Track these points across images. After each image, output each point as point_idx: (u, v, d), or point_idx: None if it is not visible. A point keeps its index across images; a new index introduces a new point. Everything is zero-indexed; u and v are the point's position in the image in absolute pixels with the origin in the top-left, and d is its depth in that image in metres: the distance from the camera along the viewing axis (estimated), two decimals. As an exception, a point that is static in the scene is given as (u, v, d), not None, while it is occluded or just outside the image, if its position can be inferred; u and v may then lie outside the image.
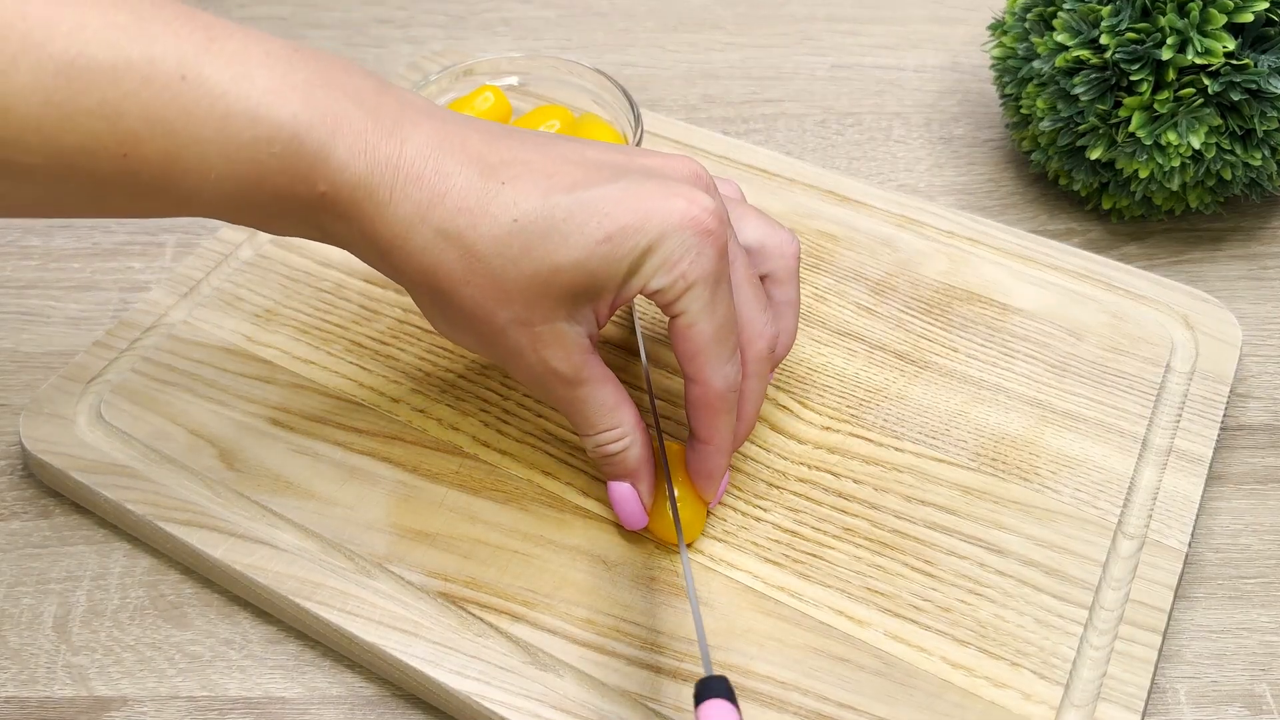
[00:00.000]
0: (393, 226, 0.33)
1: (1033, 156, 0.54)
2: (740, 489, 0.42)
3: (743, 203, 0.40)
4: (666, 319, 0.36)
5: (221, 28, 0.32)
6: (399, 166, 0.33)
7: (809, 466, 0.42)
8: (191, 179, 0.32)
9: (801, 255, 0.50)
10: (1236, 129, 0.48)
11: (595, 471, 0.42)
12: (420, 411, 0.44)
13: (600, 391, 0.37)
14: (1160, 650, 0.37)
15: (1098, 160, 0.51)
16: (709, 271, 0.34)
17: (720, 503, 0.41)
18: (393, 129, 0.33)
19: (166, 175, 0.32)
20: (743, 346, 0.37)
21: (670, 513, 0.38)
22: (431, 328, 0.41)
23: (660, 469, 0.39)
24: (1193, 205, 0.52)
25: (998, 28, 0.55)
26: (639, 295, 0.35)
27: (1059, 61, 0.49)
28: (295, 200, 0.33)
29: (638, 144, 0.48)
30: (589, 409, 0.37)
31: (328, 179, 0.33)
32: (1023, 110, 0.53)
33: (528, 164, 0.34)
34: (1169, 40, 0.46)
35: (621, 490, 0.38)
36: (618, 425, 0.37)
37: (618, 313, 0.42)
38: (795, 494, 0.41)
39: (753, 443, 0.43)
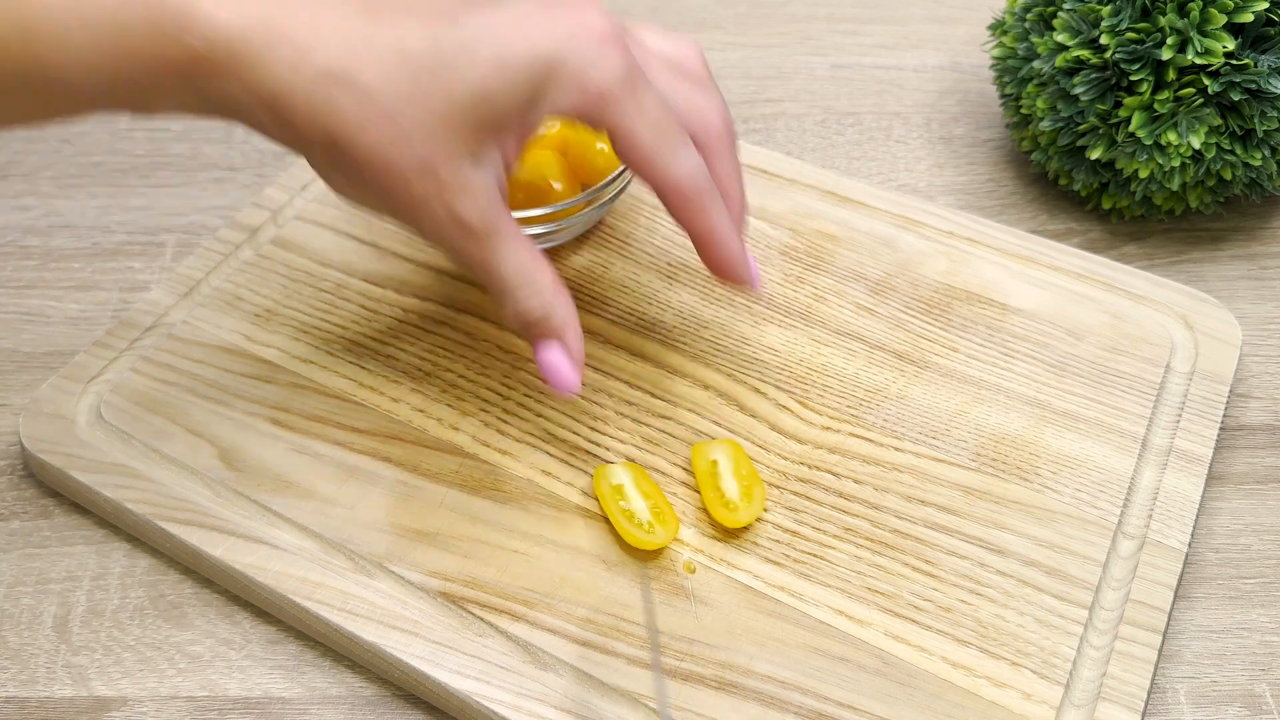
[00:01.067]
0: (276, 75, 0.32)
1: (1033, 156, 0.54)
2: (740, 489, 0.42)
3: (639, 22, 0.39)
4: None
5: None
6: (271, 12, 0.32)
7: (809, 466, 0.42)
8: (54, 57, 0.31)
9: (800, 252, 0.50)
10: (1236, 129, 0.48)
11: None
12: (420, 411, 0.44)
13: (514, 246, 0.35)
14: (1160, 650, 0.37)
15: (1098, 160, 0.51)
16: (619, 74, 0.33)
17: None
18: None
19: (27, 54, 0.30)
20: (697, 132, 0.37)
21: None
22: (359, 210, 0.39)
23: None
24: (1193, 205, 0.52)
25: (998, 27, 0.55)
26: (557, 119, 0.34)
27: (1059, 61, 0.49)
28: (167, 65, 0.31)
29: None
30: (504, 267, 0.35)
31: (197, 33, 0.31)
32: (1023, 110, 0.53)
33: (408, 3, 0.33)
34: (1169, 40, 0.46)
35: (551, 355, 0.37)
36: (534, 284, 0.36)
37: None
38: (795, 494, 0.41)
39: (752, 442, 0.43)
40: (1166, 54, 0.46)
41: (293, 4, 0.32)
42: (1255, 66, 0.46)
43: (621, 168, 0.47)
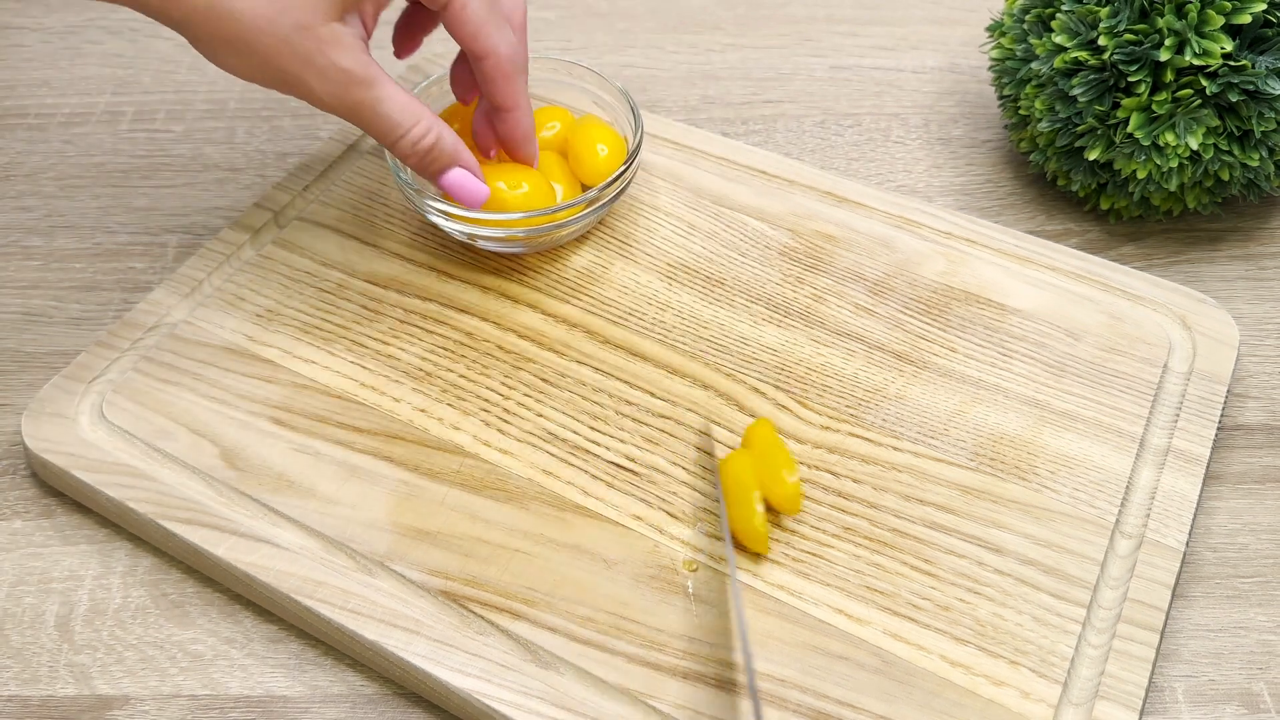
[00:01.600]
0: None
1: (1031, 157, 0.54)
2: (740, 488, 0.42)
3: None
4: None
5: None
6: None
7: (808, 466, 0.42)
8: None
9: (800, 252, 0.50)
10: (1234, 130, 0.48)
11: (596, 471, 0.42)
12: (421, 411, 0.44)
13: (393, 89, 0.41)
14: (1158, 649, 0.38)
15: (1096, 161, 0.51)
16: None
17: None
18: None
19: None
20: (509, 15, 0.43)
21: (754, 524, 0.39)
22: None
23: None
24: (1190, 206, 0.52)
25: (996, 29, 0.55)
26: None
27: (1057, 62, 0.49)
28: None
29: (638, 144, 0.48)
30: (389, 107, 0.41)
31: None
32: (1021, 111, 0.53)
33: None
34: (1167, 41, 0.46)
35: (455, 177, 0.43)
36: (420, 118, 0.41)
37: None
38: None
39: (752, 442, 0.43)
40: (1164, 55, 0.46)
41: None
42: (1253, 67, 0.46)
43: (621, 169, 0.47)
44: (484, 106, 0.46)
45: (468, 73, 0.47)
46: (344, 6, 0.39)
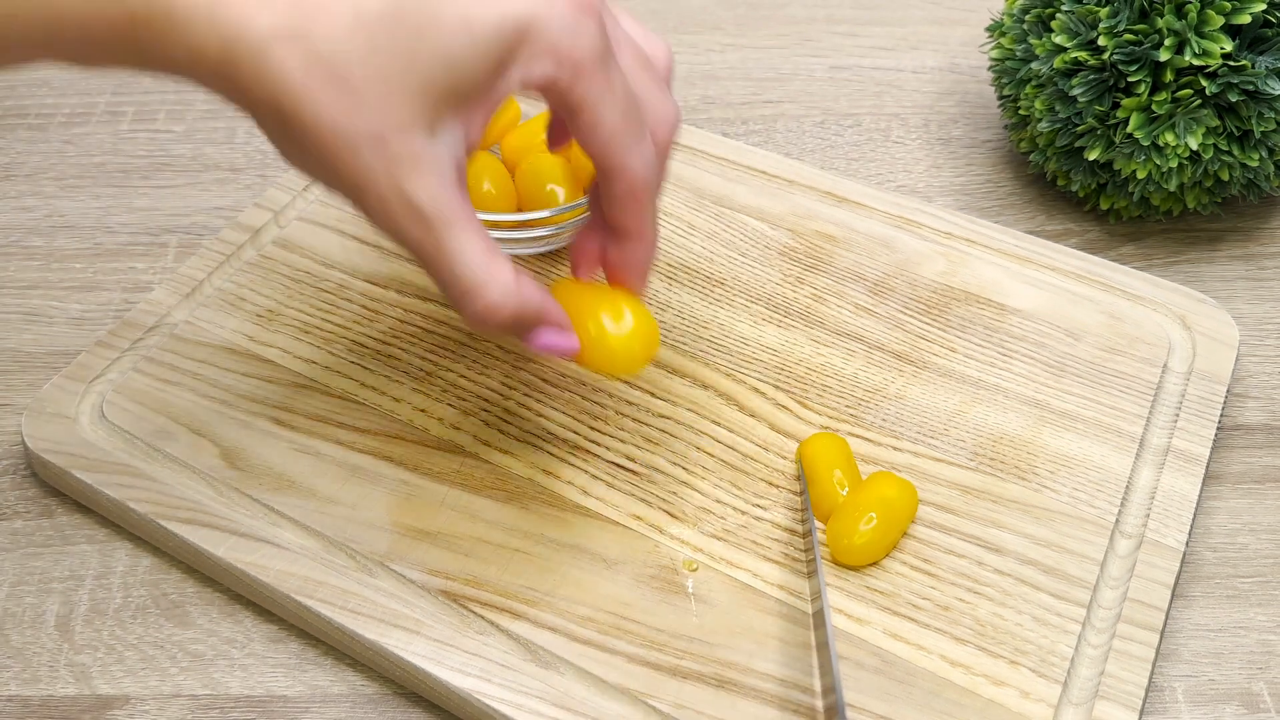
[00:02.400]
0: (221, 36, 0.29)
1: (1031, 157, 0.54)
2: (740, 488, 0.42)
3: (617, 9, 0.36)
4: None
5: None
6: None
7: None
8: None
9: (800, 252, 0.50)
10: (1234, 130, 0.48)
11: (596, 471, 0.42)
12: (422, 411, 0.44)
13: (468, 238, 0.32)
14: (1158, 649, 0.38)
15: (1096, 161, 0.51)
16: (595, 49, 0.31)
17: (722, 502, 0.41)
18: None
19: None
20: (652, 129, 0.35)
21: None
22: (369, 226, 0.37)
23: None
24: (1190, 206, 0.52)
25: (996, 29, 0.55)
26: (525, 94, 0.31)
27: (1057, 63, 0.49)
28: (106, 24, 0.29)
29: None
30: (457, 261, 0.32)
31: None
32: (1021, 111, 0.53)
33: None
34: (1167, 41, 0.46)
35: (542, 339, 0.34)
36: (493, 281, 0.32)
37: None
38: (794, 493, 0.42)
39: (752, 442, 0.43)
40: (1164, 55, 0.46)
41: None
42: (1253, 68, 0.46)
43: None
44: (594, 219, 0.38)
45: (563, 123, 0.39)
46: (439, 111, 0.31)
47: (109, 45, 0.30)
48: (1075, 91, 0.49)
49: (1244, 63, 0.46)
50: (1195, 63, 0.46)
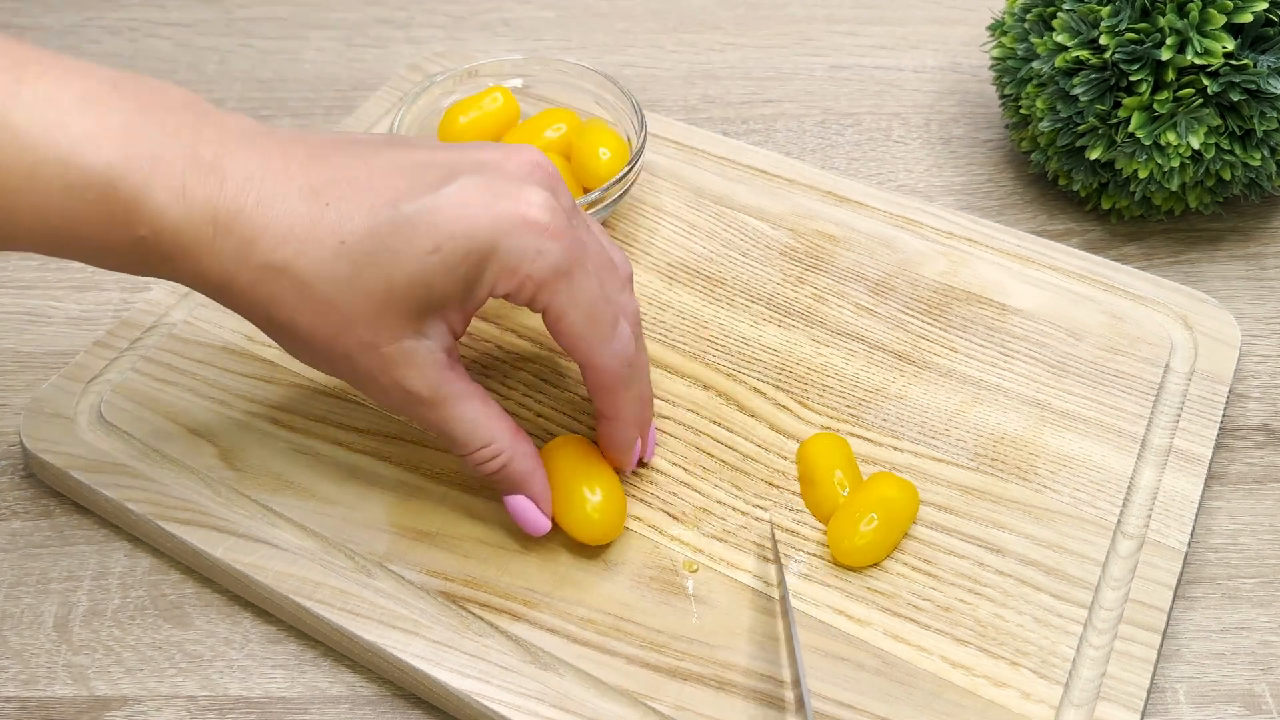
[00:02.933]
0: (220, 265, 0.33)
1: (1032, 157, 0.54)
2: (740, 489, 0.42)
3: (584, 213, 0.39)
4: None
5: (35, 66, 0.31)
6: (219, 204, 0.32)
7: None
8: (3, 224, 0.31)
9: (800, 252, 0.50)
10: (1236, 129, 0.48)
11: (595, 471, 0.42)
12: (420, 411, 0.44)
13: (465, 408, 0.36)
14: (1159, 650, 0.37)
15: (1097, 160, 0.51)
16: (554, 267, 0.34)
17: (711, 508, 0.41)
18: (212, 164, 0.32)
19: None
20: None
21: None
22: None
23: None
24: (1192, 205, 0.52)
25: (997, 28, 0.55)
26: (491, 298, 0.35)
27: (1058, 62, 0.49)
28: (116, 245, 0.32)
29: (641, 146, 0.48)
30: (457, 427, 0.36)
31: (147, 224, 0.32)
32: (1022, 110, 0.53)
33: (353, 181, 0.34)
34: (1168, 40, 0.46)
35: (516, 503, 0.38)
36: (491, 441, 0.36)
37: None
38: (795, 494, 0.41)
39: (752, 442, 0.43)
40: (1166, 54, 0.46)
41: (241, 193, 0.33)
42: (1254, 67, 0.46)
43: (623, 172, 0.47)
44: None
45: None
46: (420, 318, 0.34)
47: (117, 259, 0.33)
48: (1076, 91, 0.49)
49: (1246, 62, 0.46)
50: (1197, 62, 0.46)
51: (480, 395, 0.37)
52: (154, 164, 0.32)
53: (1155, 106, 0.47)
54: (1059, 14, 0.49)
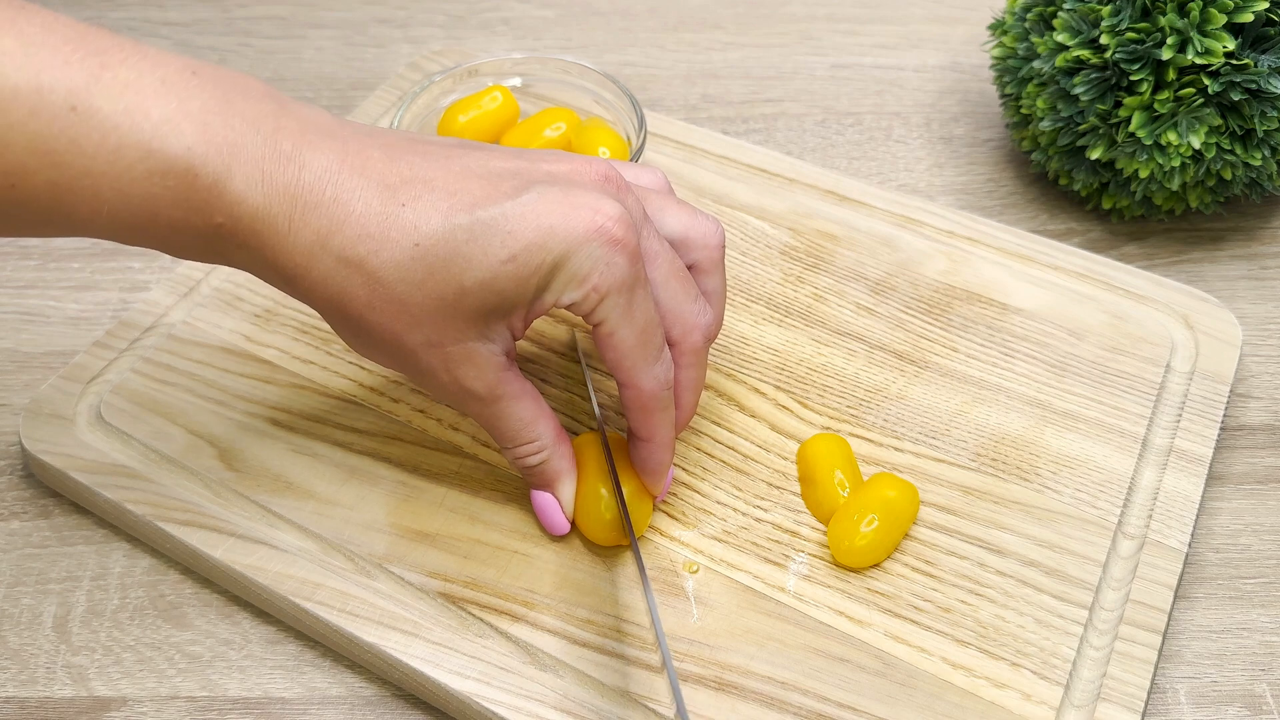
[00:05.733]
0: (294, 255, 0.33)
1: (1033, 156, 0.54)
2: (740, 489, 0.42)
3: (665, 194, 0.39)
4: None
5: (116, 52, 0.31)
6: (297, 194, 0.33)
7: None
8: (83, 209, 0.31)
9: (800, 251, 0.50)
10: (1237, 129, 0.48)
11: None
12: (420, 411, 0.44)
13: (517, 407, 0.37)
14: (1160, 650, 0.37)
15: (1098, 160, 0.51)
16: (620, 280, 0.34)
17: (709, 506, 0.41)
18: (291, 154, 0.33)
19: (57, 205, 0.31)
20: (677, 340, 0.37)
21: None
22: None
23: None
24: (1193, 205, 0.52)
25: (998, 27, 0.55)
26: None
27: (1059, 61, 0.49)
28: (192, 230, 0.33)
29: (641, 145, 0.48)
30: (506, 424, 0.37)
31: (225, 211, 0.32)
32: (1023, 110, 0.53)
33: (429, 182, 0.34)
34: (1169, 40, 0.46)
35: (542, 499, 0.39)
36: (536, 439, 0.37)
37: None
38: (795, 494, 0.41)
39: (753, 443, 0.43)
40: (1167, 54, 0.46)
41: (319, 185, 0.33)
42: (1255, 66, 0.46)
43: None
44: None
45: None
46: (486, 322, 0.35)
47: (193, 245, 0.34)
48: (1077, 90, 0.49)
49: (1246, 61, 0.46)
50: (1198, 61, 0.46)
51: (533, 394, 0.37)
52: (234, 151, 0.32)
53: (1156, 106, 0.47)
54: (1060, 13, 0.49)
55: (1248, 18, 0.46)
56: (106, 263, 0.52)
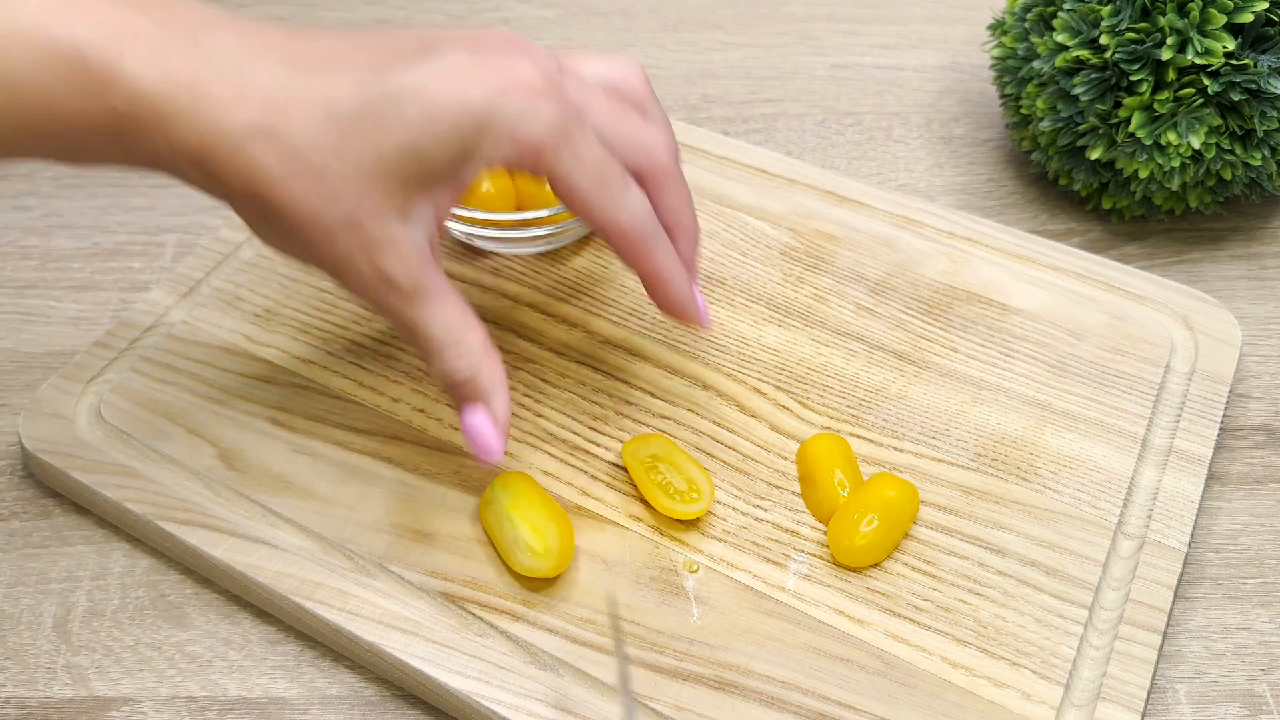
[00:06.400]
0: (200, 133, 0.32)
1: (1033, 156, 0.54)
2: (740, 489, 0.42)
3: (582, 49, 0.38)
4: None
5: None
6: (197, 73, 0.31)
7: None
8: None
9: (800, 252, 0.50)
10: (1236, 129, 0.48)
11: (596, 471, 0.42)
12: (420, 411, 0.44)
13: (443, 309, 0.35)
14: (1160, 650, 0.37)
15: (1098, 160, 0.51)
16: (551, 127, 0.33)
17: (720, 499, 0.41)
18: (186, 36, 0.32)
19: None
20: (645, 169, 0.36)
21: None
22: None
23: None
24: (1193, 205, 0.52)
25: (998, 27, 0.55)
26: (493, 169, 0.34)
27: (1059, 61, 0.49)
28: (91, 123, 0.31)
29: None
30: (432, 327, 0.35)
31: (122, 94, 0.31)
32: (1023, 110, 0.53)
33: (335, 55, 0.33)
34: (1169, 40, 0.46)
35: (474, 420, 0.36)
36: (461, 344, 0.35)
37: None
38: (795, 494, 0.41)
39: (753, 442, 0.43)
40: (1166, 54, 0.46)
41: (219, 60, 0.32)
42: (1255, 66, 0.46)
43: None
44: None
45: None
46: (408, 195, 0.33)
47: (95, 143, 0.32)
48: (1077, 90, 0.49)
49: (1246, 61, 0.46)
50: (1197, 61, 0.46)
51: (458, 298, 0.35)
52: (123, 33, 0.31)
53: (1156, 106, 0.47)
54: (1059, 13, 0.49)
55: (1247, 18, 0.46)
56: (106, 263, 0.52)
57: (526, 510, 0.38)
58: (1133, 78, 0.47)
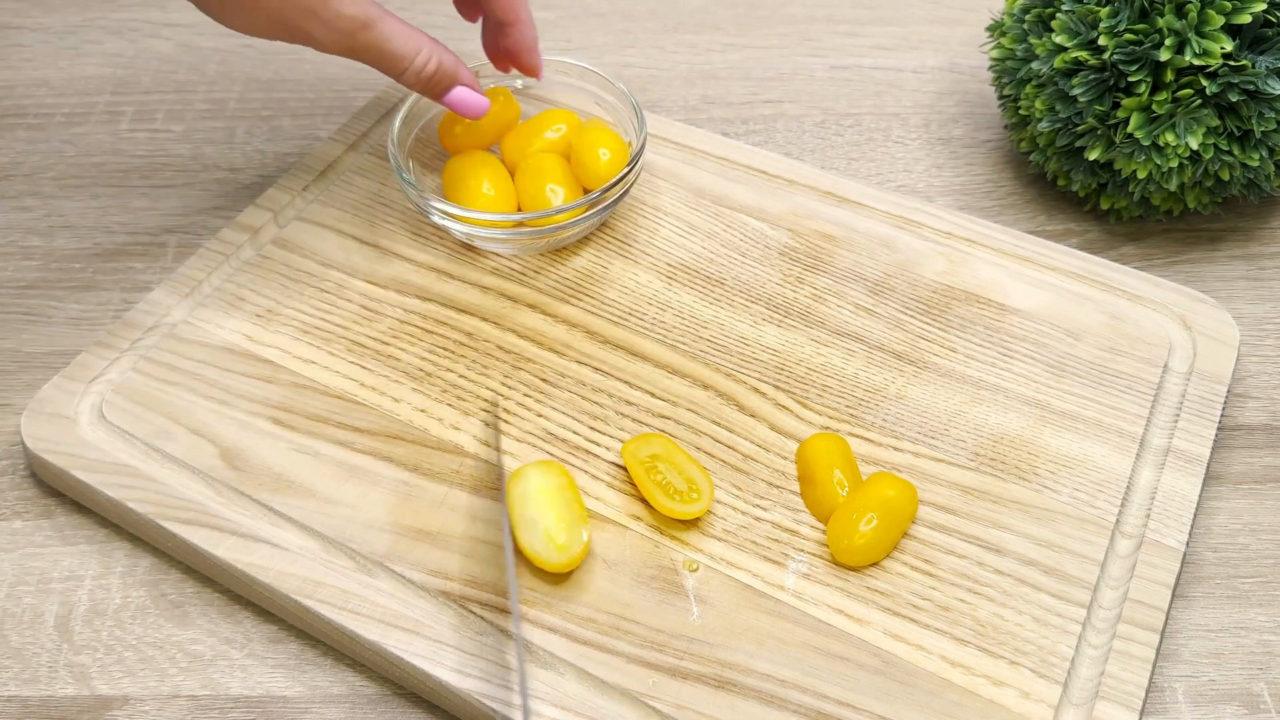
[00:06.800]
0: None
1: (1031, 157, 0.54)
2: (740, 489, 0.42)
3: None
4: None
5: None
6: None
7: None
8: None
9: (800, 252, 0.50)
10: (1234, 130, 0.48)
11: (596, 471, 0.42)
12: (421, 411, 0.44)
13: (394, 25, 0.43)
14: (1158, 649, 0.38)
15: (1096, 161, 0.51)
16: None
17: (715, 501, 0.41)
18: None
19: None
20: None
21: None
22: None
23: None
24: (1191, 206, 0.52)
25: (996, 29, 0.55)
26: None
27: (1057, 62, 0.49)
28: None
29: (641, 147, 0.48)
30: (394, 42, 0.43)
31: None
32: (1021, 111, 0.53)
33: None
34: (1167, 41, 0.46)
35: (456, 94, 0.46)
36: (420, 46, 0.44)
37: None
38: (794, 493, 0.42)
39: (752, 442, 0.43)
40: (1164, 55, 0.46)
41: None
42: (1253, 67, 0.46)
43: (623, 173, 0.47)
44: (490, 24, 0.50)
45: None
46: None
47: None
48: (1075, 91, 0.49)
49: (1244, 62, 0.46)
50: (1196, 62, 0.46)
51: (394, 15, 0.44)
52: None
53: (1154, 107, 0.47)
54: (1058, 15, 0.50)
55: (1245, 19, 0.46)
56: (108, 263, 0.52)
57: (558, 500, 0.39)
58: (1131, 79, 0.47)
